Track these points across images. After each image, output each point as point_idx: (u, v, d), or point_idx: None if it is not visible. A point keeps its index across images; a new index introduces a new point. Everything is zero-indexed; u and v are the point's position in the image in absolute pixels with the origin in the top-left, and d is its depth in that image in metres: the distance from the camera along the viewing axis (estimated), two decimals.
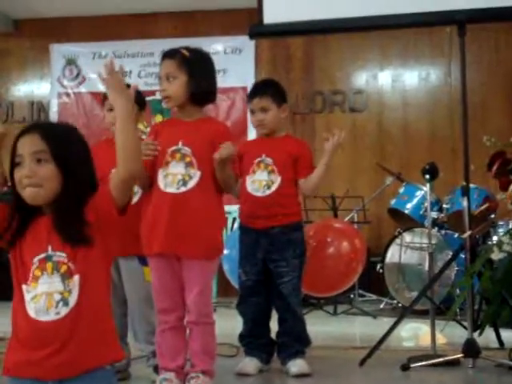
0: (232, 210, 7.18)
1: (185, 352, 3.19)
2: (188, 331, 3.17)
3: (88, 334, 1.70)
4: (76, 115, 7.99)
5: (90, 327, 1.70)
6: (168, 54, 3.20)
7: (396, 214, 6.48)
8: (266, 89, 3.86)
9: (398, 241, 6.15)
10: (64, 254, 1.71)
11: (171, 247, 3.09)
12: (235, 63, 7.90)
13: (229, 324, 4.24)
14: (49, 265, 1.71)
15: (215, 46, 7.87)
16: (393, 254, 6.15)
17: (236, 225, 7.19)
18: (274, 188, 3.75)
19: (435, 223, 6.04)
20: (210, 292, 3.19)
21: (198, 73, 3.16)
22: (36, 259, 1.72)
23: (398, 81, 7.78)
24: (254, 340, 3.84)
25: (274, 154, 3.77)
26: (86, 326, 1.70)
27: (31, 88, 8.28)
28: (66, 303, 1.69)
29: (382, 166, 6.62)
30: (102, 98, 3.69)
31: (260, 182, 3.77)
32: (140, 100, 3.59)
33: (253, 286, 3.79)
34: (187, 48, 3.21)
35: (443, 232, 6.05)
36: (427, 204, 4.39)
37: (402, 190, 6.40)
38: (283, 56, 7.92)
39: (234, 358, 4.00)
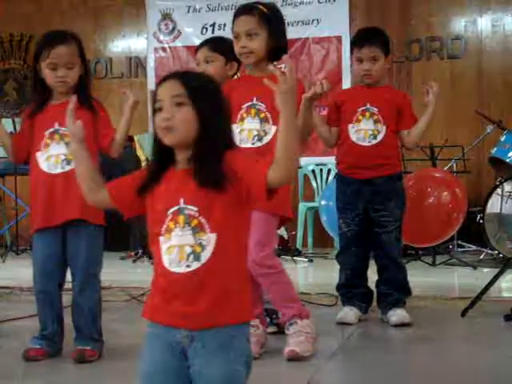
0: (327, 161, 7.19)
1: (262, 301, 3.23)
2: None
3: (218, 292, 1.73)
4: (172, 69, 8.04)
5: (221, 286, 1.73)
6: (246, 11, 3.14)
7: (497, 163, 6.32)
8: (377, 37, 3.79)
9: (498, 190, 6.01)
10: (195, 208, 1.74)
11: None
12: (329, 12, 7.80)
13: (326, 274, 4.28)
14: (181, 218, 1.74)
15: None
16: (493, 204, 6.02)
17: (331, 176, 7.18)
18: (379, 138, 3.72)
19: None
20: (270, 244, 3.11)
21: (276, 29, 3.12)
22: (170, 211, 1.76)
23: (498, 26, 7.51)
24: (352, 289, 3.86)
25: (378, 103, 3.73)
26: (217, 284, 1.73)
27: (128, 44, 8.42)
28: (197, 258, 1.73)
29: (482, 114, 6.45)
30: (195, 51, 3.71)
31: (366, 131, 3.74)
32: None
33: (354, 235, 3.79)
34: (261, 3, 3.17)
35: None
36: None
37: (503, 138, 6.21)
38: (378, 3, 7.76)
39: (333, 308, 4.04)
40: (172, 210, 1.76)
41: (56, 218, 3.08)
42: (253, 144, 3.07)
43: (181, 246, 1.74)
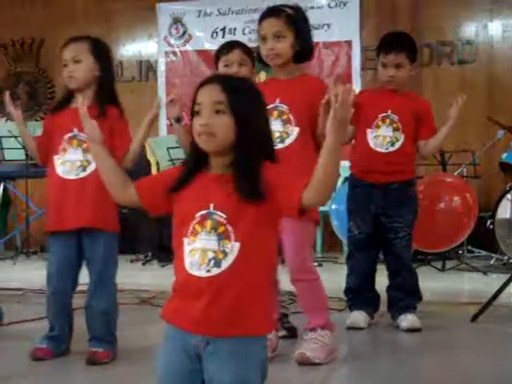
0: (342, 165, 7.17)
1: (278, 306, 3.23)
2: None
3: (236, 301, 1.72)
4: (183, 73, 8.13)
5: (240, 295, 1.72)
6: (273, 13, 3.15)
7: (507, 168, 6.31)
8: (403, 44, 3.77)
9: (509, 196, 6.00)
10: (224, 216, 1.73)
11: None
12: (339, 17, 7.81)
13: (335, 278, 4.26)
14: (208, 222, 1.74)
15: (319, 0, 7.80)
16: (504, 210, 6.00)
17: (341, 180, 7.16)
18: (397, 146, 3.72)
19: None
20: (307, 249, 3.15)
21: (303, 31, 3.14)
22: (198, 214, 1.75)
23: (509, 30, 7.50)
24: (361, 294, 3.85)
25: (399, 110, 3.72)
26: (235, 293, 1.72)
27: (139, 48, 8.46)
28: (217, 264, 1.72)
29: (492, 119, 6.44)
30: (214, 57, 3.71)
31: (384, 137, 3.73)
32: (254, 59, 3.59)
33: (365, 239, 3.79)
34: (288, 6, 3.18)
35: None
36: None
37: None
38: (389, 7, 7.77)
39: (343, 313, 4.04)
40: (200, 213, 1.75)
41: (67, 223, 3.09)
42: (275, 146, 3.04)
43: (204, 250, 1.73)
